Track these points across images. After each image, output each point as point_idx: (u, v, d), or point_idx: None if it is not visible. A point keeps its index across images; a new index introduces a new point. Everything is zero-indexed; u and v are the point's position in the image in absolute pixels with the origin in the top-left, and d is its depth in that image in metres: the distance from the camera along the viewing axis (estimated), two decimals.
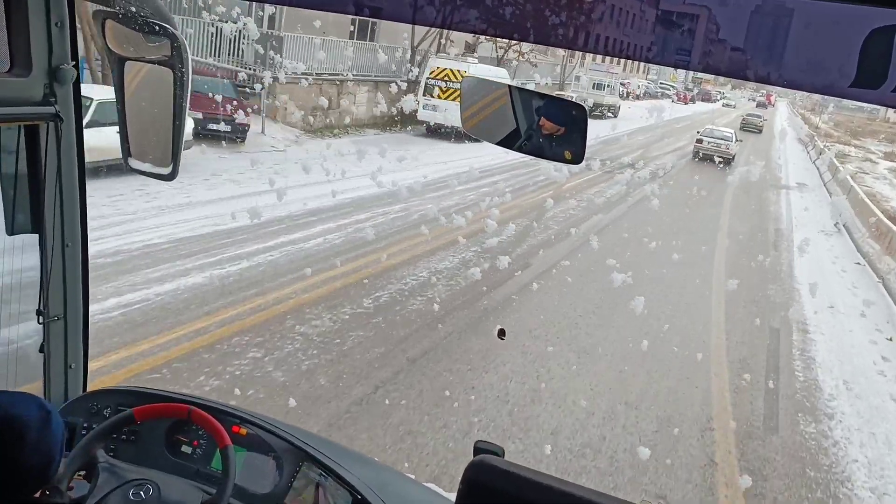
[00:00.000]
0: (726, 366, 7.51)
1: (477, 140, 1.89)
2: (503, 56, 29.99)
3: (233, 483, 1.82)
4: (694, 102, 62.28)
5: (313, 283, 7.84)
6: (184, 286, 7.24)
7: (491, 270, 9.04)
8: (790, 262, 13.09)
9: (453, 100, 20.75)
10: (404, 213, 11.78)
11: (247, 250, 8.64)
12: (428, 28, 20.64)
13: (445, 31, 23.02)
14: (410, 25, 20.48)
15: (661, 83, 63.57)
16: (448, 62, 22.45)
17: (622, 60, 53.09)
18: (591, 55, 45.35)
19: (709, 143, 24.62)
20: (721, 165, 23.76)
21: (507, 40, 23.93)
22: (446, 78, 21.92)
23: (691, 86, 68.16)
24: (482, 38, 23.67)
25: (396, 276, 8.65)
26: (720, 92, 72.47)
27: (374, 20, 20.50)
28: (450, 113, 21.10)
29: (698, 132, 25.93)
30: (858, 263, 13.89)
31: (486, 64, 24.70)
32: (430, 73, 22.21)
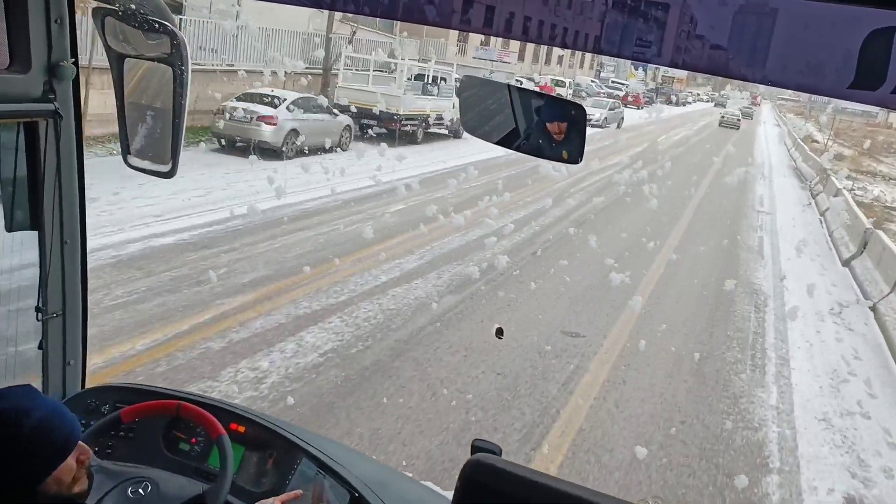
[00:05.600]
0: None
1: None
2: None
3: (231, 471, 1.81)
4: (652, 104, 45.69)
5: None
6: None
7: None
8: None
9: None
10: None
11: None
12: None
13: None
14: None
15: (612, 81, 48.15)
16: None
17: (543, 48, 44.58)
18: (484, 38, 33.11)
19: (726, 117, 40.40)
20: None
21: None
22: None
23: (653, 84, 56.31)
24: None
25: None
26: (692, 92, 63.46)
27: None
28: None
29: (720, 113, 42.74)
30: None
31: None
32: None
